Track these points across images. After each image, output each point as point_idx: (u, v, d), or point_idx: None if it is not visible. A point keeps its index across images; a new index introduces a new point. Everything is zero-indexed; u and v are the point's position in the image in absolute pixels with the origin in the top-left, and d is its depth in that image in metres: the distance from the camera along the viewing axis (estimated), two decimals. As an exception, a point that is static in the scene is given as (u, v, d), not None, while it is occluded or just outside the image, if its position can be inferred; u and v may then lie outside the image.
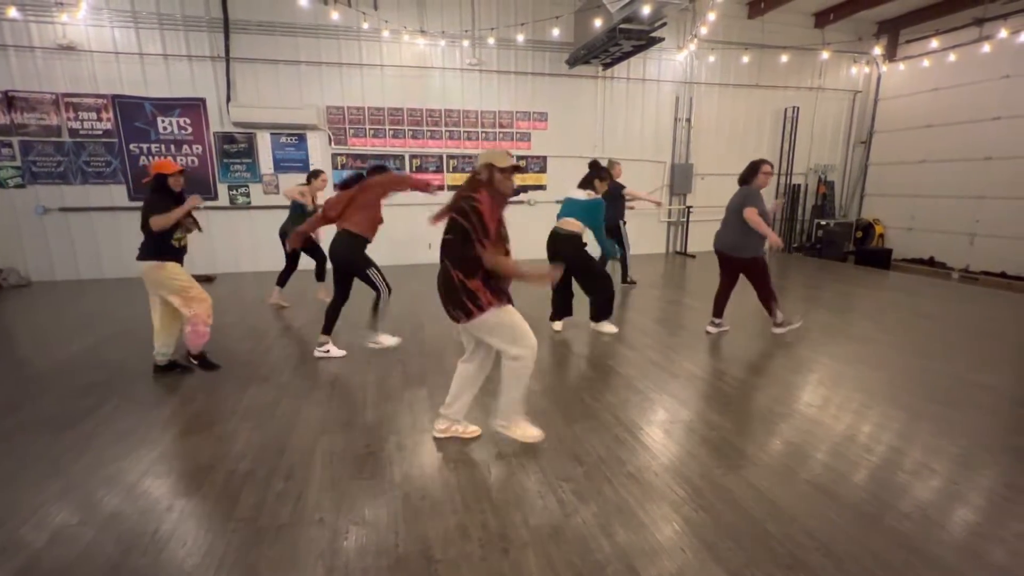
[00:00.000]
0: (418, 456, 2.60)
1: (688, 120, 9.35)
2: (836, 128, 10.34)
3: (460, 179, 8.19)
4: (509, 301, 2.51)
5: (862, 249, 9.72)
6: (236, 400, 3.27)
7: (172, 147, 7.25)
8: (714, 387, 3.53)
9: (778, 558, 1.88)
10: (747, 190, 4.32)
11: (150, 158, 7.20)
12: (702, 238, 9.74)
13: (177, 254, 3.53)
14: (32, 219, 6.97)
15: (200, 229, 3.65)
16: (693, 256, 9.45)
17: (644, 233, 9.66)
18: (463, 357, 2.71)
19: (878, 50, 9.78)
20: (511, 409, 2.61)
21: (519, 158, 8.63)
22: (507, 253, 2.50)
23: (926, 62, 9.15)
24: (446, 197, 2.45)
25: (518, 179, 8.36)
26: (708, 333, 4.70)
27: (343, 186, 3.96)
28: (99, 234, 7.24)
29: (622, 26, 6.70)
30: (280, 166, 7.70)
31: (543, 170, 8.77)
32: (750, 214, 4.19)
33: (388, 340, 4.17)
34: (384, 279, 3.97)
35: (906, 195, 9.63)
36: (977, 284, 7.76)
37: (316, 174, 5.55)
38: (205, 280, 7.20)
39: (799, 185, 10.21)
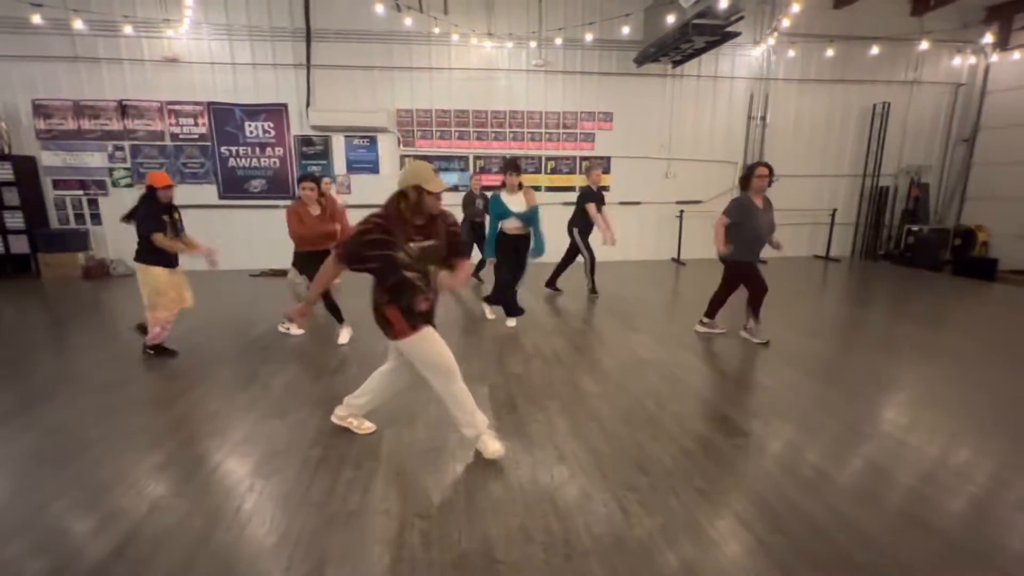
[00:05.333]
0: (481, 454, 2.62)
1: (763, 118, 8.86)
2: (933, 125, 9.43)
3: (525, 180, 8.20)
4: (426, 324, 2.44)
5: (961, 258, 8.81)
6: (310, 390, 3.46)
7: (257, 149, 7.79)
8: (791, 403, 3.31)
9: (865, 592, 1.73)
10: (738, 198, 4.35)
11: (239, 160, 7.78)
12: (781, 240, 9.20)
13: (166, 260, 4.01)
14: (137, 215, 7.71)
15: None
16: (764, 262, 8.93)
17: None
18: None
19: (989, 38, 8.82)
20: (470, 419, 2.55)
21: (583, 159, 8.53)
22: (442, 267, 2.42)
23: (1046, 50, 8.16)
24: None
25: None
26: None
27: None
28: (192, 229, 7.77)
29: (695, 21, 6.47)
30: (352, 167, 8.07)
31: (607, 171, 8.61)
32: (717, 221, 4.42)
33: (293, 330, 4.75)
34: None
35: (1018, 199, 8.62)
36: (1105, 300, 6.81)
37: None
38: (281, 274, 7.66)
39: (887, 187, 9.41)
